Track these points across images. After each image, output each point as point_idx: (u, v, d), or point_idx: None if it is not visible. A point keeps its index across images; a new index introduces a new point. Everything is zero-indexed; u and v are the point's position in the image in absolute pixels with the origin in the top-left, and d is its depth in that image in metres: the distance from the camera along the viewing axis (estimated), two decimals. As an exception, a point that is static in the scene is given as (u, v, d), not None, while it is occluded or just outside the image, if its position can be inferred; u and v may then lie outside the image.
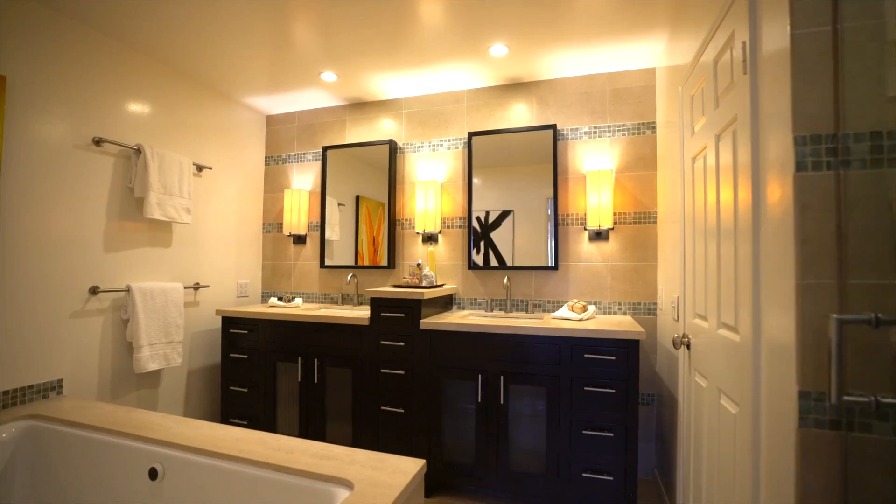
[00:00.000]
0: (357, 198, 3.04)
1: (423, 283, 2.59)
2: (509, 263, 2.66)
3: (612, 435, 1.94)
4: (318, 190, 3.17)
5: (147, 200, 2.33)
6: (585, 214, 2.56)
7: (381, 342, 2.33)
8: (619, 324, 2.11)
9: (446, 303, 2.69)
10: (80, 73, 2.13)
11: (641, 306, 2.46)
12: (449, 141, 2.86)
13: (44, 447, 1.76)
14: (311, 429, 2.46)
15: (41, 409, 1.87)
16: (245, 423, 2.60)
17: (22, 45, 1.92)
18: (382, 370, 2.32)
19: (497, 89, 2.78)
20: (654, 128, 2.48)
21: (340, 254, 3.00)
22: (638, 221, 2.49)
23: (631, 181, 2.51)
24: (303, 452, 1.45)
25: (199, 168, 2.77)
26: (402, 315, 2.29)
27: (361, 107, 3.09)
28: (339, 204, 3.06)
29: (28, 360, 1.95)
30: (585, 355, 1.99)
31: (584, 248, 2.58)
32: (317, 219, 3.18)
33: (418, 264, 2.71)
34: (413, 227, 2.93)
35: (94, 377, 2.19)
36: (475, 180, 2.74)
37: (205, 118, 2.84)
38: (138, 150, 2.34)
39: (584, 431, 1.98)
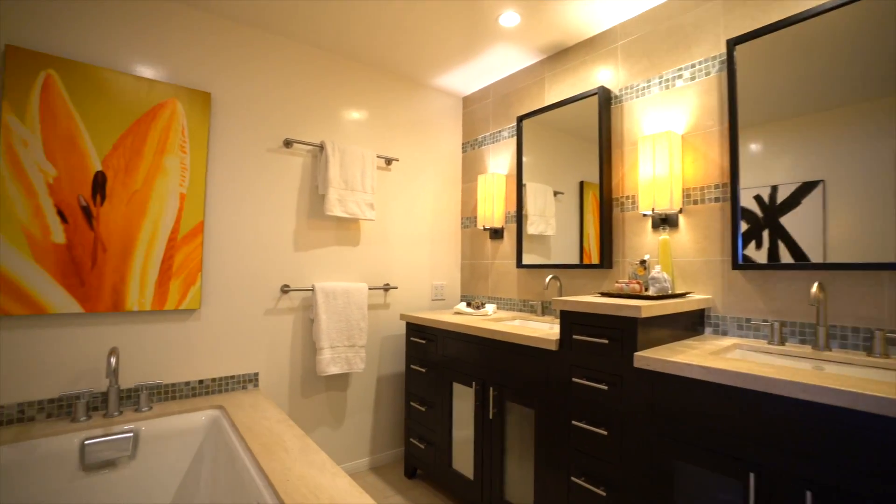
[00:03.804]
0: (581, 184, 2.28)
1: (650, 291, 1.67)
2: (815, 259, 1.44)
3: None
4: (516, 172, 2.59)
5: (327, 197, 2.25)
6: None
7: (573, 378, 1.55)
8: None
9: (692, 323, 1.67)
10: (269, 79, 2.20)
11: None
12: (692, 67, 1.81)
13: (219, 440, 1.76)
14: (488, 472, 1.88)
15: (229, 401, 1.92)
16: (423, 446, 2.24)
17: (222, 63, 2.06)
18: (574, 422, 1.54)
19: (786, -47, 1.58)
20: None
21: (559, 252, 2.31)
22: None
23: None
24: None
25: (388, 161, 2.61)
26: (605, 341, 1.46)
27: (562, 56, 2.35)
28: (555, 192, 2.37)
29: (230, 352, 2.06)
30: None
31: None
32: (515, 208, 2.60)
33: (642, 261, 1.79)
34: (636, 207, 2.00)
35: (285, 374, 2.22)
36: (752, 146, 1.60)
37: (393, 108, 2.67)
38: (321, 147, 2.29)
39: None
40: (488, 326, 1.90)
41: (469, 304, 2.48)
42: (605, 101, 2.09)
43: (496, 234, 2.71)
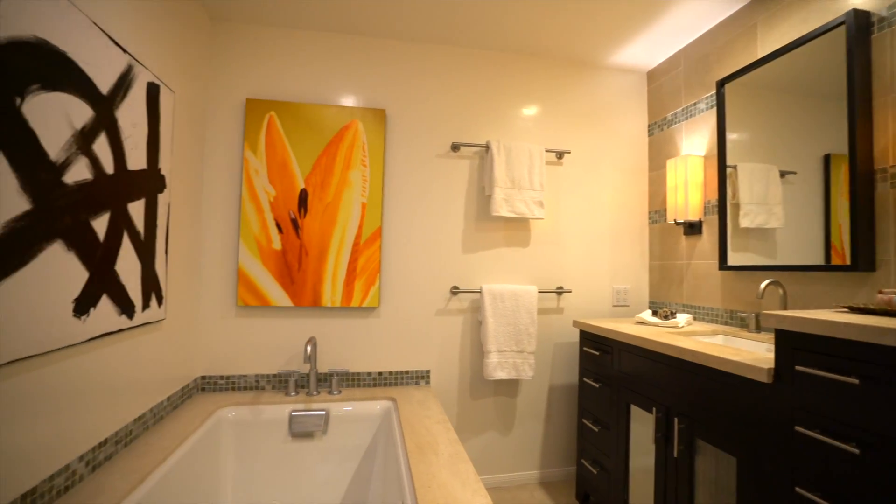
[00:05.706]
0: (826, 158, 1.69)
1: (947, 309, 1.08)
2: None
3: None
4: (717, 151, 2.07)
5: (493, 197, 2.20)
6: None
7: (797, 427, 1.11)
8: None
9: None
10: (436, 86, 2.28)
11: None
12: None
13: (388, 430, 1.90)
14: (678, 528, 1.52)
15: (402, 394, 2.06)
16: (595, 471, 1.97)
17: (393, 80, 2.24)
18: (800, 489, 1.10)
19: None
20: None
21: (789, 249, 1.74)
22: None
23: None
24: None
25: (559, 155, 2.41)
26: (855, 381, 0.99)
27: (786, -12, 1.76)
28: (781, 172, 1.81)
29: (405, 349, 2.22)
30: None
31: None
32: (716, 195, 2.08)
33: (931, 263, 1.18)
34: (921, 182, 1.33)
35: (454, 374, 2.26)
36: None
37: (563, 97, 2.46)
38: (487, 147, 2.27)
39: None
40: (673, 342, 1.55)
41: (656, 313, 2.09)
42: (860, 30, 1.46)
43: (692, 228, 2.22)
